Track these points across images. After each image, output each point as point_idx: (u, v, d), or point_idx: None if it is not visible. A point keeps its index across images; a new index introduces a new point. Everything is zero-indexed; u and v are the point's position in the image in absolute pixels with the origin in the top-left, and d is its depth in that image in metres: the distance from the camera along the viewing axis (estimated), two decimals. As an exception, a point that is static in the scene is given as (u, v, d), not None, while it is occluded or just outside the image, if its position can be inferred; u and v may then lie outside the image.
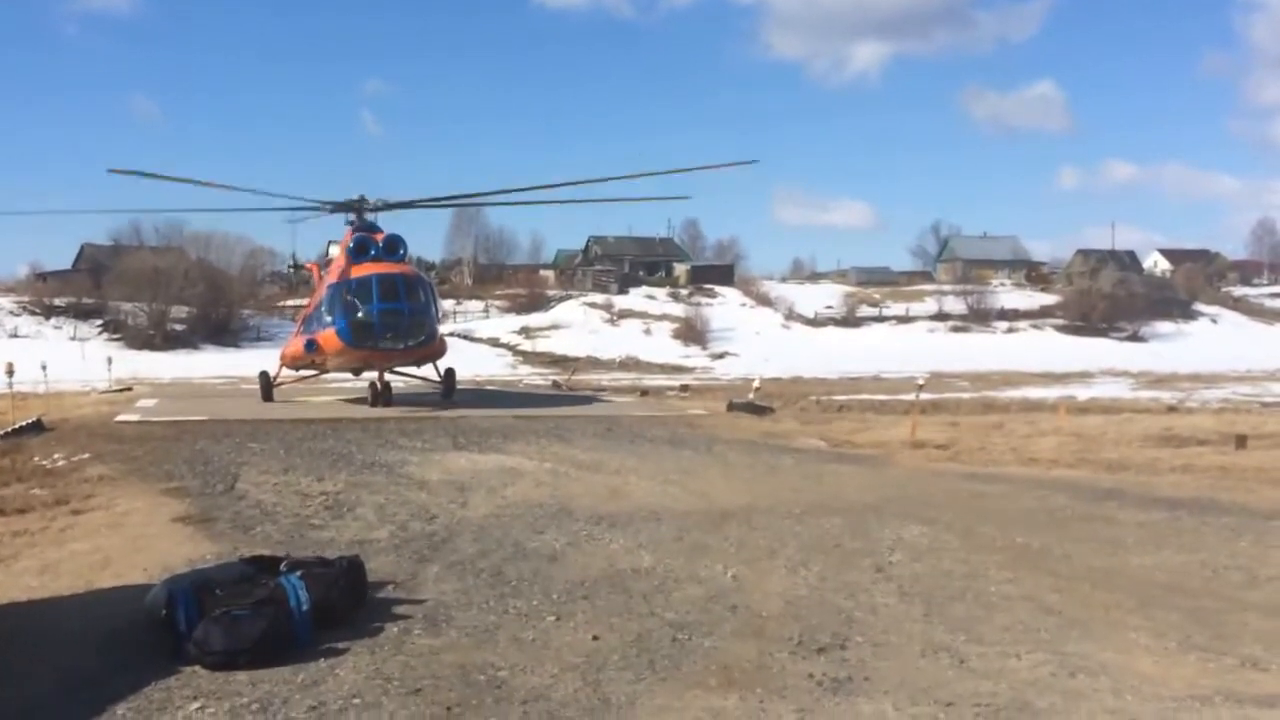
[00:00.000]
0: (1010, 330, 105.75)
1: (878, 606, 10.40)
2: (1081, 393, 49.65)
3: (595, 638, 9.21)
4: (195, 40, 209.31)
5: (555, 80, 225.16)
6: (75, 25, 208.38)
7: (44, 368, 37.50)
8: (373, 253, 31.42)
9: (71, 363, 55.39)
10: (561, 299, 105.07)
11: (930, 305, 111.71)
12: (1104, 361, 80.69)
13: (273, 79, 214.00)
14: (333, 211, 35.63)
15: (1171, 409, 37.61)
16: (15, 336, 76.88)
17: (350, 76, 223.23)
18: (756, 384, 40.41)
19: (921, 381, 31.25)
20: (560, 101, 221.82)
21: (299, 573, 9.48)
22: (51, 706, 7.50)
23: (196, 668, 8.24)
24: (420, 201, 39.19)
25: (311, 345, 32.15)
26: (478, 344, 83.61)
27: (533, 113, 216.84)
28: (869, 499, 16.40)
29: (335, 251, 35.67)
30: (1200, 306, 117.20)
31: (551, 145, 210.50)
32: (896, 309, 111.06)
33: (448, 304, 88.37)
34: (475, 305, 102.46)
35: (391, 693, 7.81)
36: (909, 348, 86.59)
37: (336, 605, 9.46)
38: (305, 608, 8.93)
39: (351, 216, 34.73)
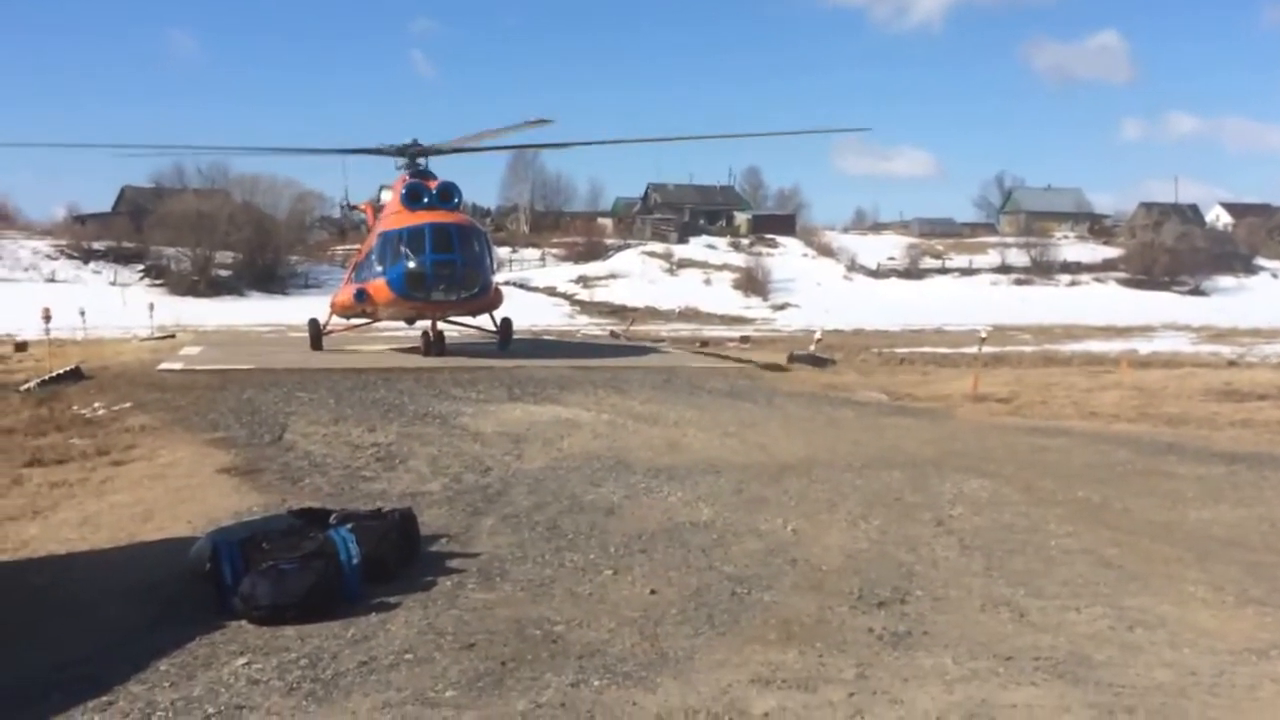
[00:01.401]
0: (1073, 283, 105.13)
1: (938, 560, 10.48)
2: (1143, 347, 49.13)
3: (653, 592, 9.27)
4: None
5: (612, 20, 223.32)
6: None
7: (82, 313, 37.98)
8: (426, 200, 31.45)
9: (112, 309, 56.02)
10: (620, 248, 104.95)
11: (993, 257, 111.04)
12: (1166, 315, 79.87)
13: (318, 15, 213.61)
14: (384, 155, 35.73)
15: (1232, 364, 37.12)
16: (52, 281, 77.88)
17: (398, 13, 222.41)
18: (818, 336, 40.28)
19: (984, 335, 31.04)
20: (617, 41, 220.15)
21: (349, 525, 9.58)
22: (92, 663, 7.61)
23: (242, 622, 8.36)
24: (473, 146, 39.22)
25: (362, 295, 32.29)
26: (534, 293, 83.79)
27: (588, 54, 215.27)
28: (930, 453, 16.48)
29: (387, 196, 35.72)
30: (1262, 261, 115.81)
31: (608, 88, 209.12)
32: (959, 261, 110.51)
33: (503, 252, 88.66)
34: (532, 253, 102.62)
35: (444, 647, 7.88)
36: (972, 300, 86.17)
37: (387, 559, 9.56)
38: (355, 561, 9.02)
39: (404, 161, 34.81)
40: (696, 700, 6.91)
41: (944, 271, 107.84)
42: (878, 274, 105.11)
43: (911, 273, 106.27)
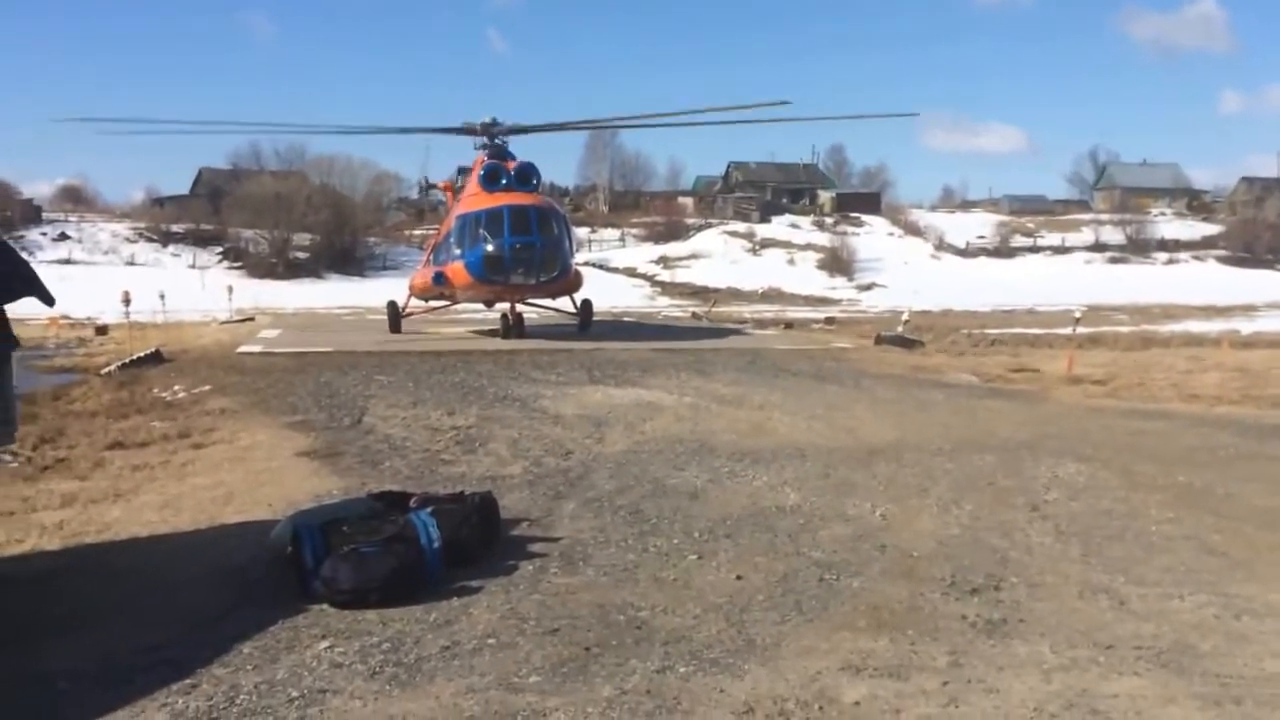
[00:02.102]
0: (1170, 261, 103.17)
1: (1033, 546, 10.34)
2: (1245, 326, 48.21)
3: (739, 577, 9.24)
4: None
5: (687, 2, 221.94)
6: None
7: (162, 297, 38.52)
8: (504, 181, 31.61)
9: (190, 292, 56.79)
10: (701, 227, 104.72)
11: (1087, 235, 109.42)
12: (1269, 294, 78.00)
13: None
14: (462, 134, 35.94)
15: (1339, 344, 36.38)
16: (132, 264, 79.24)
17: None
18: (905, 317, 39.92)
19: (1079, 315, 30.63)
20: (697, 19, 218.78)
21: (429, 509, 9.64)
22: (175, 645, 7.73)
23: (324, 606, 8.45)
24: (553, 125, 39.33)
25: (440, 278, 32.54)
26: (613, 274, 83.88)
27: (668, 31, 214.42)
28: (1023, 436, 16.27)
29: (465, 179, 35.94)
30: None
31: (687, 66, 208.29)
32: (1052, 239, 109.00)
33: (582, 232, 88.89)
34: (611, 234, 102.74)
35: (527, 633, 7.91)
36: (1065, 280, 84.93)
37: (468, 543, 9.61)
38: (436, 545, 9.06)
39: (483, 141, 34.97)
40: (785, 688, 6.88)
41: (1035, 250, 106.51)
42: (966, 253, 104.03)
43: (1002, 251, 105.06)
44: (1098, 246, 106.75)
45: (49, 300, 9.04)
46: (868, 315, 54.38)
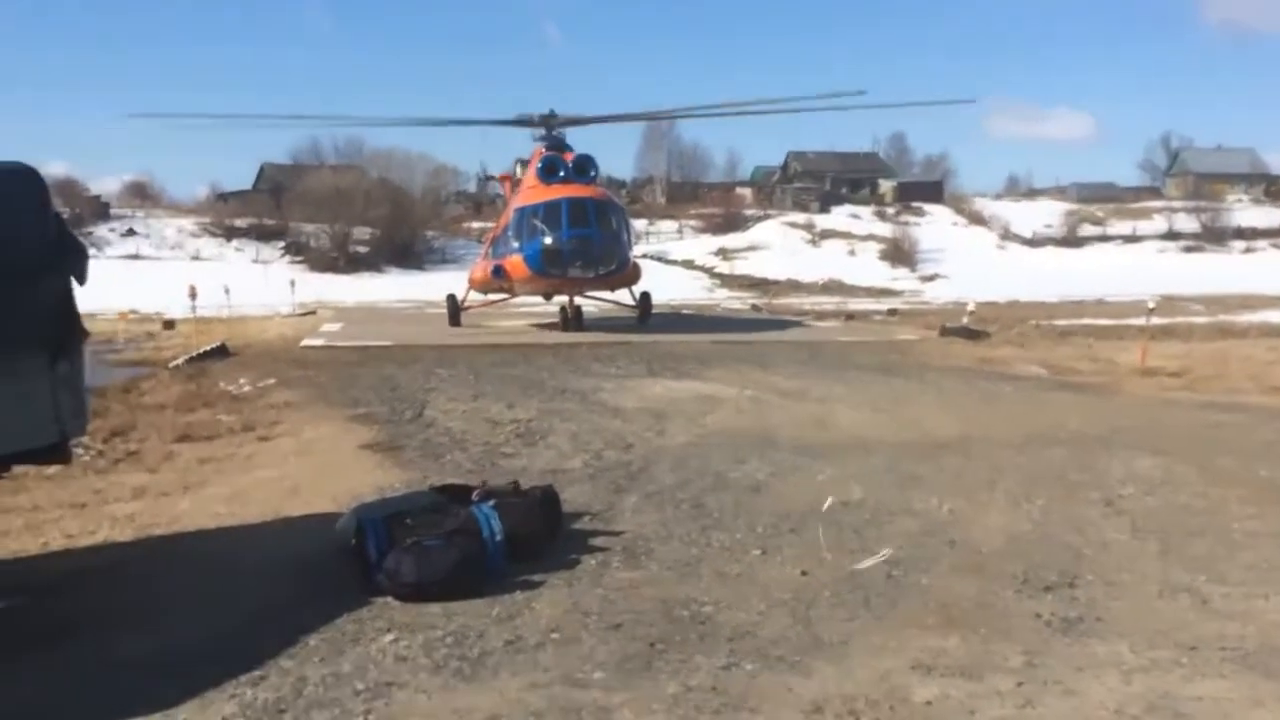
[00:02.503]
0: (1248, 250, 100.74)
1: (1109, 543, 10.08)
2: (1328, 317, 47.25)
3: (804, 573, 9.09)
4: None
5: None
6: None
7: (227, 291, 39.00)
8: (562, 174, 31.61)
9: (254, 286, 57.35)
10: (759, 218, 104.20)
11: (1159, 224, 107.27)
12: (1353, 282, 76.36)
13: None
14: (519, 127, 35.99)
15: None
16: (197, 259, 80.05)
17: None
18: (971, 307, 39.47)
19: (1152, 305, 30.11)
20: (752, 6, 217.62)
21: (491, 502, 9.59)
22: (243, 636, 7.76)
23: (388, 599, 8.43)
24: (611, 116, 39.34)
25: (499, 271, 32.53)
26: (671, 266, 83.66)
27: (725, 21, 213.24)
28: (1095, 429, 15.92)
29: (523, 171, 35.98)
30: None
31: (746, 55, 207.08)
32: (1122, 228, 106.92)
33: (639, 224, 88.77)
34: (668, 226, 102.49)
35: (591, 627, 7.85)
36: (1136, 269, 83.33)
37: (530, 536, 9.54)
38: (499, 538, 9.03)
39: (540, 133, 34.98)
40: (854, 686, 6.75)
41: (1105, 239, 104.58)
42: (1033, 242, 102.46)
43: (1070, 241, 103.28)
44: (1171, 235, 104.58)
45: (82, 280, 9.10)
46: (931, 306, 53.92)
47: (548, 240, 30.08)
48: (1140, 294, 47.00)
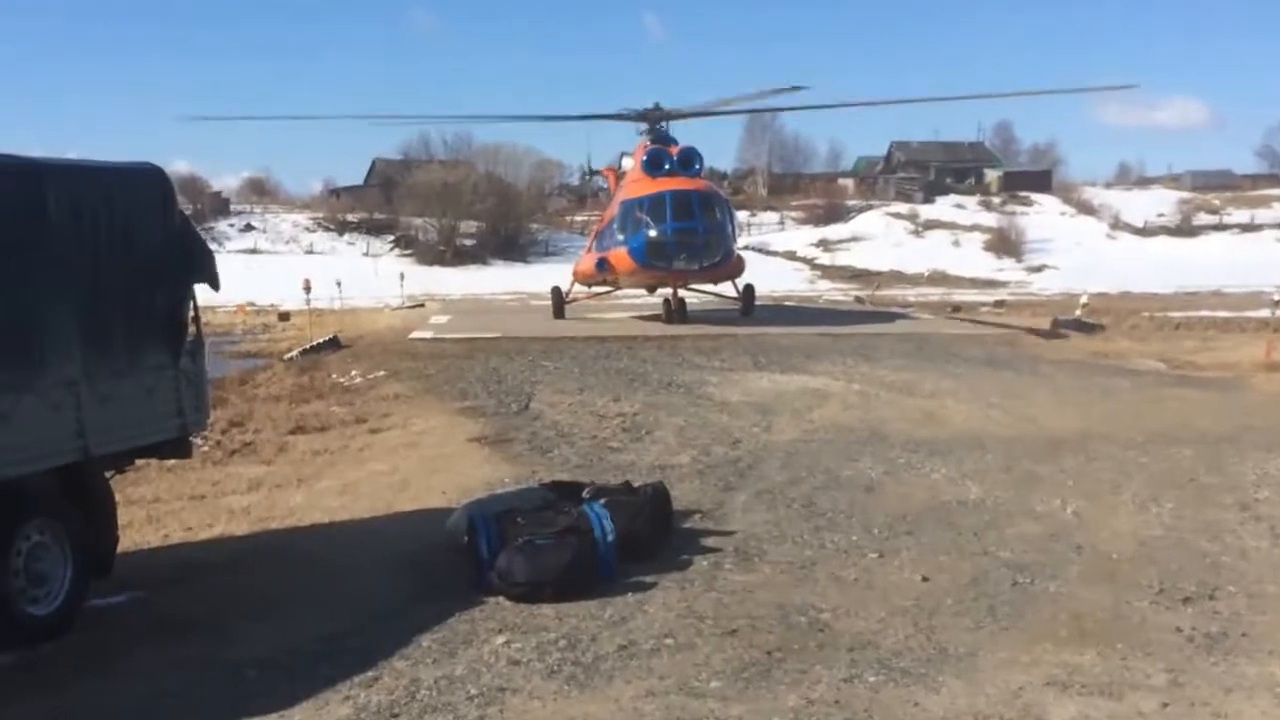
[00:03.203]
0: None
1: (1248, 550, 9.51)
2: None
3: (924, 578, 8.73)
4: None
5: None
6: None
7: (338, 284, 39.26)
8: (667, 167, 31.29)
9: (365, 278, 57.88)
10: (862, 209, 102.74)
11: (1279, 212, 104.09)
12: None
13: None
14: (624, 121, 35.77)
15: None
16: (311, 253, 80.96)
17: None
18: (1084, 299, 38.52)
19: (1277, 297, 29.05)
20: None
21: (602, 500, 9.36)
22: (356, 635, 7.64)
23: (499, 598, 8.23)
24: (714, 109, 38.93)
25: (603, 264, 32.34)
26: (773, 257, 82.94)
27: (827, 9, 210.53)
28: (1222, 427, 15.20)
29: (627, 164, 35.76)
30: None
31: (846, 39, 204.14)
32: (1239, 216, 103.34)
33: (741, 216, 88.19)
34: (770, 217, 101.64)
35: (705, 633, 7.57)
36: (1255, 259, 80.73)
37: (642, 536, 9.30)
38: (610, 538, 8.79)
39: (644, 126, 34.75)
40: (985, 703, 6.37)
41: (1221, 228, 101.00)
42: (1145, 232, 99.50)
43: (1184, 230, 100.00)
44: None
45: (216, 286, 9.32)
46: (1039, 298, 52.62)
47: (652, 233, 29.81)
48: (1260, 285, 45.62)
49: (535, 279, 57.29)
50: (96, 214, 7.93)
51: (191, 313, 8.79)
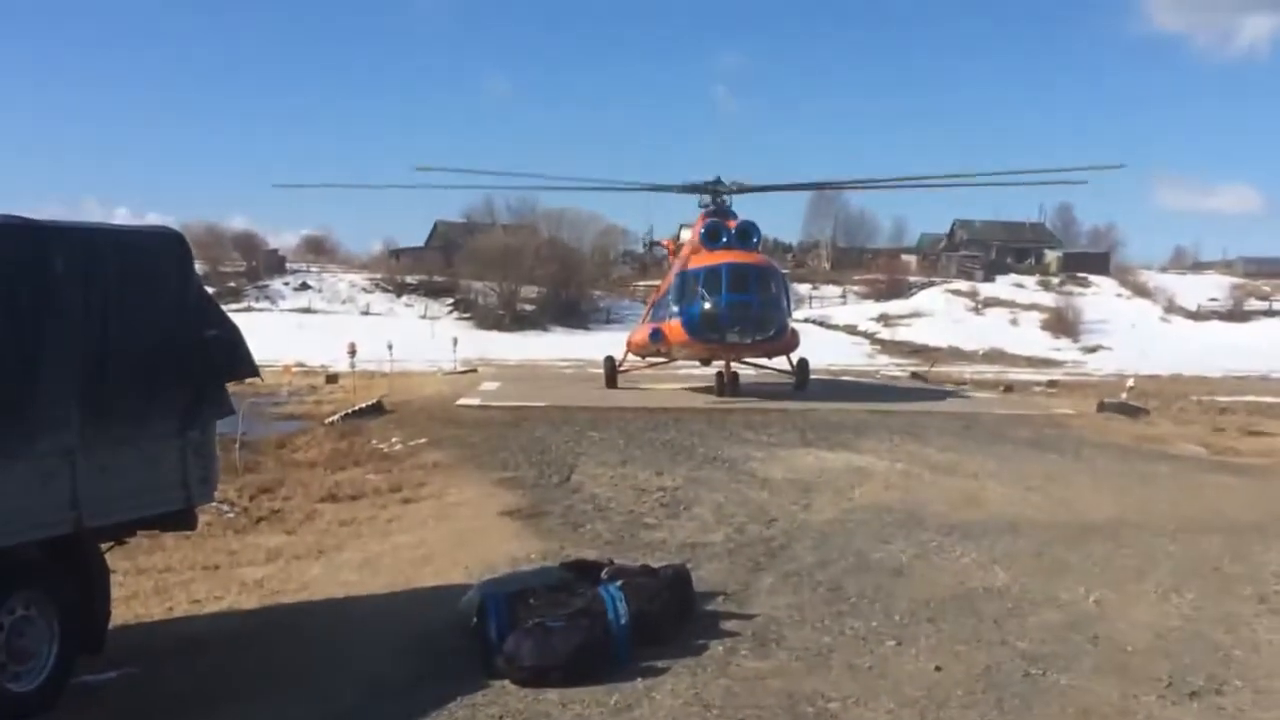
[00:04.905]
0: None
1: (1260, 644, 9.40)
2: None
3: (938, 668, 8.61)
4: (539, 16, 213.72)
5: (916, 55, 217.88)
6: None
7: (390, 347, 39.52)
8: (724, 240, 31.46)
9: (420, 341, 58.19)
10: (923, 285, 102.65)
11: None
12: None
13: (623, 53, 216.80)
14: (686, 193, 36.06)
15: None
16: (367, 314, 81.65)
17: (703, 50, 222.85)
18: (1130, 383, 38.24)
19: (1317, 383, 28.59)
20: (921, 76, 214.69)
21: (619, 582, 9.28)
22: (355, 717, 7.59)
23: (506, 682, 8.16)
24: (778, 186, 39.17)
25: (657, 334, 32.48)
26: (833, 331, 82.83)
27: (894, 89, 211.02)
28: (1254, 516, 15.12)
29: (686, 235, 36.02)
30: None
31: (913, 121, 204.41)
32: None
33: (803, 289, 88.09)
34: (832, 290, 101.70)
35: (711, 722, 7.48)
36: (1303, 345, 79.96)
37: (658, 619, 9.19)
38: (624, 621, 8.71)
39: (705, 199, 34.99)
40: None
41: (1271, 314, 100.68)
42: (1197, 315, 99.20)
43: (1235, 314, 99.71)
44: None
45: (255, 373, 9.39)
46: (1092, 378, 52.24)
47: (706, 305, 29.90)
48: (1306, 370, 45.11)
49: (594, 346, 57.34)
50: (106, 279, 7.84)
51: (205, 384, 8.66)
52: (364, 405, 26.16)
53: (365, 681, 8.31)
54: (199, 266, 9.62)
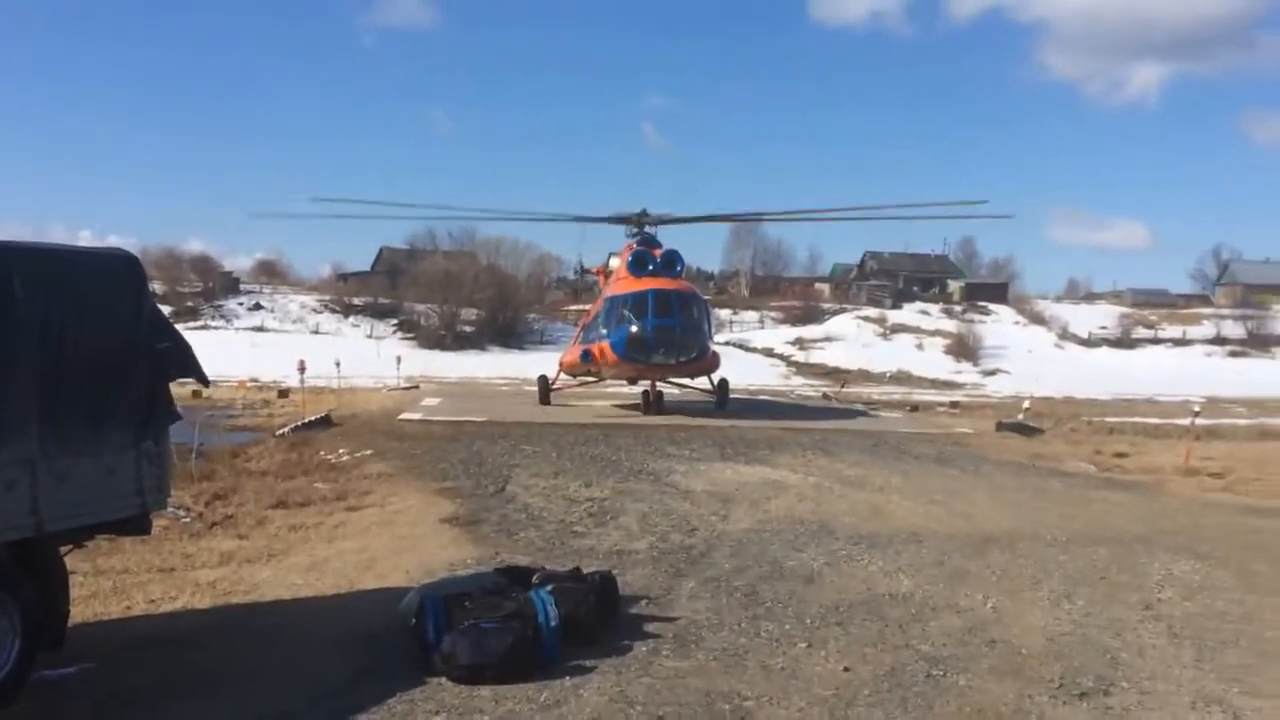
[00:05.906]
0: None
1: (1145, 648, 9.56)
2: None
3: (846, 669, 8.66)
4: (482, 53, 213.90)
5: (831, 97, 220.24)
6: (372, 37, 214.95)
7: (338, 364, 39.21)
8: (650, 268, 31.51)
9: (367, 359, 57.86)
10: (835, 312, 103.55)
11: (1207, 329, 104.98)
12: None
13: (559, 93, 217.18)
14: (615, 224, 36.12)
15: None
16: (316, 333, 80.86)
17: (633, 91, 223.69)
18: (1026, 404, 38.77)
19: (1197, 407, 29.07)
20: (836, 116, 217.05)
21: (549, 587, 9.27)
22: (298, 714, 7.50)
23: (443, 679, 8.10)
24: (700, 217, 39.33)
25: (587, 355, 32.46)
26: (752, 353, 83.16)
27: (812, 135, 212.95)
28: (1138, 529, 15.36)
29: (615, 263, 36.03)
30: None
31: (826, 159, 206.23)
32: (1173, 331, 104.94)
33: (724, 314, 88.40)
34: (751, 316, 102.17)
35: (634, 717, 7.48)
36: (1184, 371, 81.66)
37: (586, 622, 9.19)
38: (554, 623, 8.69)
39: (633, 229, 35.07)
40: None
41: (1157, 341, 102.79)
42: (1089, 342, 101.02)
43: (1123, 342, 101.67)
44: (1218, 340, 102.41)
45: (205, 382, 9.28)
46: (991, 400, 52.80)
47: (634, 328, 29.94)
48: (1187, 395, 45.86)
49: (530, 365, 57.08)
50: (64, 297, 7.74)
51: (159, 398, 8.58)
52: (313, 418, 25.91)
53: (311, 678, 8.21)
54: (158, 287, 9.50)
